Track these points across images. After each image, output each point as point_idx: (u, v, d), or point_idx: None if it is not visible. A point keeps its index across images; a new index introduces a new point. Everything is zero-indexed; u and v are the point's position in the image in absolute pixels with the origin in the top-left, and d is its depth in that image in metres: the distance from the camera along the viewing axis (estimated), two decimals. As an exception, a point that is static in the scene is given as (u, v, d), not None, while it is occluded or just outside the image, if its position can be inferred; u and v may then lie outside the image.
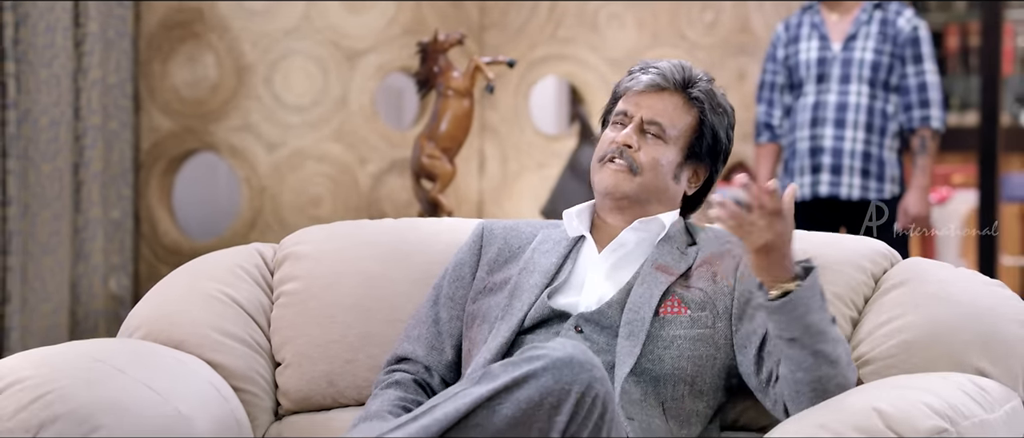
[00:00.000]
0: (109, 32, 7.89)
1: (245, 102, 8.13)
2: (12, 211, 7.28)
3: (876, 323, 3.40)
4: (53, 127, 7.53)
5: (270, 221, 8.15)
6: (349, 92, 8.18)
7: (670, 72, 3.52)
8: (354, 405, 3.67)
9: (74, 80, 7.70)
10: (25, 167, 7.41)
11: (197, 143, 8.23)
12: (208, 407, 3.46)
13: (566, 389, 2.94)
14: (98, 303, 7.87)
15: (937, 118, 6.88)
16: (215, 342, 3.66)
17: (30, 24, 7.39)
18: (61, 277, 7.62)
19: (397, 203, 8.25)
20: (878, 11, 6.92)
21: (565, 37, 8.51)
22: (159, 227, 8.23)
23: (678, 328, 3.34)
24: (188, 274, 3.81)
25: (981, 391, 3.10)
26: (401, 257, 3.73)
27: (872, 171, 6.84)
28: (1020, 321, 3.35)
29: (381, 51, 8.20)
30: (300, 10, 8.11)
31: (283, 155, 8.14)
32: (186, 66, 8.19)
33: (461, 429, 2.95)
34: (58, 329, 7.62)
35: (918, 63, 6.89)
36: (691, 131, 3.51)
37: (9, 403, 3.20)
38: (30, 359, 3.34)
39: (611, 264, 3.46)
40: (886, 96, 6.88)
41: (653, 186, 3.49)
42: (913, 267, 3.49)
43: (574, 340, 3.32)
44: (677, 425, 3.31)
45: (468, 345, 3.49)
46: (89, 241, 7.80)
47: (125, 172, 8.06)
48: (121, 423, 3.24)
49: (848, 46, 6.89)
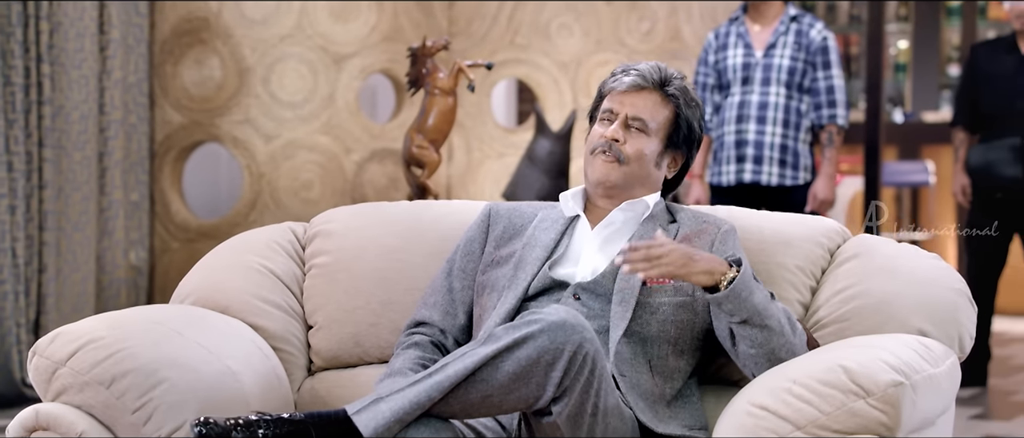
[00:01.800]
0: (128, 38, 7.86)
1: (246, 99, 8.09)
2: (47, 193, 7.29)
3: (833, 291, 3.40)
4: (82, 121, 7.51)
5: (268, 202, 8.11)
6: (336, 91, 8.15)
7: (649, 73, 3.50)
8: (377, 363, 3.65)
9: (99, 80, 7.69)
10: (58, 155, 7.39)
11: (204, 135, 8.19)
12: (253, 364, 3.45)
13: (560, 348, 2.95)
14: (120, 273, 7.85)
15: (842, 116, 6.91)
16: (256, 308, 3.64)
17: (62, 31, 7.37)
18: (88, 250, 7.60)
19: (377, 187, 8.23)
20: (794, 23, 6.93)
21: (522, 43, 8.50)
22: (171, 207, 8.19)
23: (663, 296, 3.33)
24: (231, 249, 3.78)
25: (926, 349, 3.10)
26: (417, 234, 3.71)
27: (788, 161, 6.86)
28: (956, 289, 3.36)
29: (364, 55, 8.17)
30: (294, 19, 8.07)
31: (278, 145, 8.10)
32: (194, 68, 8.15)
33: (470, 383, 2.96)
34: (86, 295, 7.59)
35: (827, 69, 6.91)
36: (669, 123, 3.50)
37: (87, 358, 3.20)
38: (102, 322, 3.33)
39: (603, 239, 3.45)
40: (800, 96, 6.89)
41: (638, 173, 3.48)
42: (863, 243, 3.49)
43: (571, 307, 3.30)
44: (662, 380, 3.31)
45: (479, 311, 3.47)
46: (112, 220, 7.78)
47: (142, 160, 8.03)
48: (181, 377, 3.24)
49: (768, 53, 6.90)
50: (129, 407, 3.18)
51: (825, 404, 2.91)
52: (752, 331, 3.17)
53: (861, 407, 2.89)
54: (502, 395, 2.98)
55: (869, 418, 2.89)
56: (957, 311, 3.33)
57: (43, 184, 7.26)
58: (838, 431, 2.90)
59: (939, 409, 3.10)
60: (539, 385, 2.96)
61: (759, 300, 3.15)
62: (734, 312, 3.16)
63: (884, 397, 2.89)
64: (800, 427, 2.92)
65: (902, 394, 2.89)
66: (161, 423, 3.18)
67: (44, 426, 3.19)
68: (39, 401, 6.86)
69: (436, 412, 2.98)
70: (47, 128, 7.27)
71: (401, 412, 2.94)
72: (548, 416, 3.01)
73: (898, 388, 2.89)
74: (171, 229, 8.19)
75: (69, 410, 3.20)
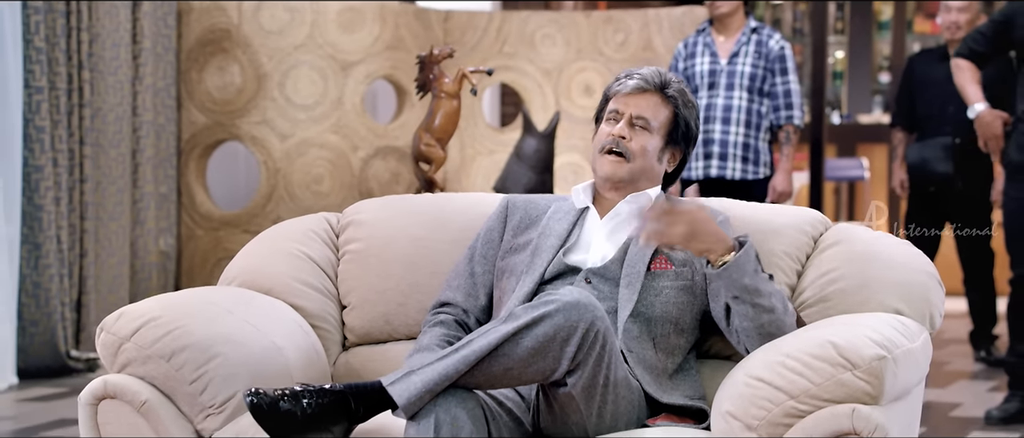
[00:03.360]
0: (158, 47, 7.83)
1: (263, 102, 8.04)
2: (88, 186, 7.29)
3: (817, 274, 3.37)
4: (117, 121, 7.50)
5: (283, 195, 8.06)
6: (344, 94, 8.11)
7: (651, 77, 3.47)
8: (405, 339, 3.62)
9: (132, 85, 7.68)
10: (97, 152, 7.38)
11: (225, 134, 8.16)
12: (295, 340, 3.42)
13: (574, 326, 2.92)
14: (151, 257, 7.84)
15: (797, 117, 6.88)
16: (296, 289, 3.60)
17: (100, 41, 7.36)
18: (123, 237, 7.59)
19: (381, 181, 8.19)
20: (754, 34, 6.90)
21: (509, 52, 8.48)
22: (196, 199, 8.16)
23: (666, 280, 3.30)
24: (272, 237, 3.74)
25: (904, 326, 3.07)
26: (441, 224, 3.67)
27: (750, 157, 6.83)
28: (927, 273, 3.33)
29: (368, 62, 8.13)
30: (306, 30, 8.03)
31: (293, 143, 8.06)
32: (217, 74, 8.11)
33: (493, 357, 2.93)
34: (121, 277, 7.57)
35: (784, 75, 6.88)
36: (669, 122, 3.46)
37: (149, 335, 3.18)
38: (160, 302, 3.30)
39: (610, 229, 3.42)
40: (760, 100, 6.87)
41: (642, 168, 3.44)
42: (843, 230, 3.46)
43: (583, 289, 3.27)
44: (665, 355, 3.28)
45: (499, 293, 3.44)
46: (144, 210, 7.77)
47: (170, 157, 8.00)
48: (233, 351, 3.22)
49: (732, 61, 6.87)
50: (187, 378, 3.16)
51: (816, 376, 2.88)
52: (744, 307, 3.14)
53: (848, 378, 2.87)
54: (522, 368, 2.94)
55: (856, 388, 2.86)
56: (928, 292, 3.30)
57: (83, 178, 7.26)
58: (828, 400, 2.88)
59: (915, 380, 3.08)
60: (555, 359, 2.93)
61: (750, 282, 3.12)
62: (726, 289, 3.14)
63: (869, 369, 2.86)
64: (793, 396, 2.89)
65: (885, 367, 2.87)
66: (215, 393, 3.16)
67: (112, 394, 3.17)
68: (80, 371, 6.90)
69: (462, 383, 2.94)
70: (87, 128, 7.26)
71: (431, 383, 2.91)
72: (563, 387, 2.98)
73: (881, 361, 2.87)
74: (196, 218, 8.15)
75: (133, 380, 3.17)
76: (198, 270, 8.13)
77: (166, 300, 3.31)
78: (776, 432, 2.91)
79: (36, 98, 6.90)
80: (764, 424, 2.91)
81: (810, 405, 2.88)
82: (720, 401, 3.05)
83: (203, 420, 3.17)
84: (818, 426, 2.86)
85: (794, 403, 2.89)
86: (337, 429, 2.93)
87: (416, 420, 2.90)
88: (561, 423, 3.05)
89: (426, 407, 2.90)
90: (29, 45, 6.87)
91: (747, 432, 2.93)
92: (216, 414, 3.16)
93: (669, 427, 3.12)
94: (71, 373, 7.03)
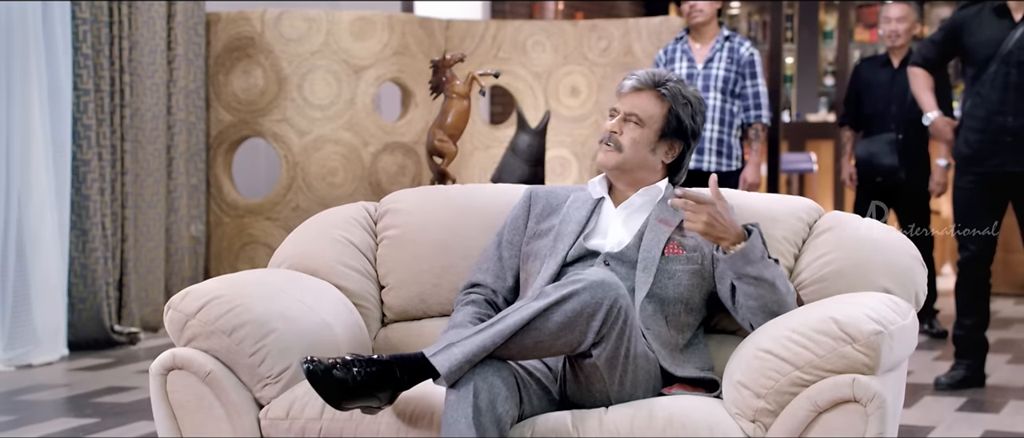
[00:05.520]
0: (189, 54, 7.75)
1: (283, 102, 7.96)
2: (128, 178, 7.26)
3: (813, 257, 3.33)
4: (154, 120, 7.45)
5: (301, 186, 7.99)
6: (355, 95, 8.03)
7: (645, 77, 3.42)
8: (438, 316, 3.57)
9: (167, 87, 7.62)
10: (136, 148, 7.34)
11: (249, 131, 8.07)
12: (341, 317, 3.38)
13: (599, 302, 2.89)
14: (183, 242, 7.77)
15: (765, 117, 6.87)
16: (340, 271, 3.55)
17: (139, 48, 7.33)
18: (159, 224, 7.54)
19: (389, 173, 8.12)
20: (727, 42, 6.87)
21: (504, 57, 8.42)
22: (223, 189, 8.08)
23: (678, 264, 3.26)
24: (316, 223, 3.68)
25: (895, 304, 3.03)
26: (470, 212, 3.62)
27: (723, 152, 6.80)
28: (912, 255, 3.30)
29: (378, 67, 8.05)
30: (322, 38, 7.94)
31: (310, 140, 7.98)
32: (242, 77, 8.03)
33: (526, 331, 2.89)
34: (157, 260, 7.51)
35: (754, 79, 6.86)
36: (662, 118, 3.39)
37: (212, 312, 3.14)
38: (220, 283, 3.26)
39: (625, 217, 3.38)
40: (732, 100, 6.84)
41: (633, 158, 3.37)
42: (836, 218, 3.41)
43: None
44: (677, 332, 3.24)
45: (525, 275, 3.40)
46: (177, 199, 7.71)
47: (200, 151, 7.92)
48: (287, 327, 3.19)
49: (707, 66, 6.84)
50: (247, 351, 3.12)
51: (819, 349, 2.85)
52: (749, 288, 3.11)
53: (849, 351, 2.83)
54: (551, 341, 2.91)
55: (855, 360, 2.83)
56: (913, 273, 3.27)
57: (124, 171, 7.22)
58: (830, 370, 2.84)
59: (905, 354, 3.04)
60: (582, 332, 2.89)
61: (757, 267, 3.09)
62: (737, 272, 3.11)
63: (867, 343, 2.83)
64: (798, 367, 2.86)
65: (882, 341, 2.84)
66: (272, 365, 3.13)
67: (179, 366, 3.13)
68: (123, 344, 6.84)
69: (497, 354, 2.90)
70: (127, 126, 7.22)
71: (470, 354, 2.87)
72: (589, 358, 2.95)
73: (879, 336, 2.83)
74: (223, 207, 8.07)
75: (198, 353, 3.14)
76: (225, 253, 8.05)
77: (227, 281, 3.26)
78: (783, 400, 2.88)
79: (83, 99, 6.85)
80: (772, 392, 2.88)
81: (814, 375, 2.85)
82: (731, 372, 3.02)
83: (261, 389, 3.13)
84: (822, 394, 2.83)
85: (800, 373, 2.86)
86: (383, 395, 2.90)
87: (456, 387, 2.87)
88: (586, 391, 3.02)
89: (465, 376, 2.87)
90: (78, 52, 6.83)
91: (756, 400, 2.90)
92: (273, 383, 3.13)
93: (683, 395, 3.08)
94: (115, 345, 6.98)
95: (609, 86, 8.27)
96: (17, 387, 5.91)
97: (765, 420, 2.89)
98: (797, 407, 2.85)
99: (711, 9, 6.91)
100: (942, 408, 5.56)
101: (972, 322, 6.03)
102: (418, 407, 2.98)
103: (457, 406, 2.84)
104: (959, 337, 6.07)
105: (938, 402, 5.68)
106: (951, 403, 5.66)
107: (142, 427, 5.07)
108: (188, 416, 3.13)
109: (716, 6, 6.93)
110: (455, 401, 2.85)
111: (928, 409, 5.52)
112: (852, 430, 2.80)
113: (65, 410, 5.45)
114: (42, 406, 5.53)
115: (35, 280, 6.56)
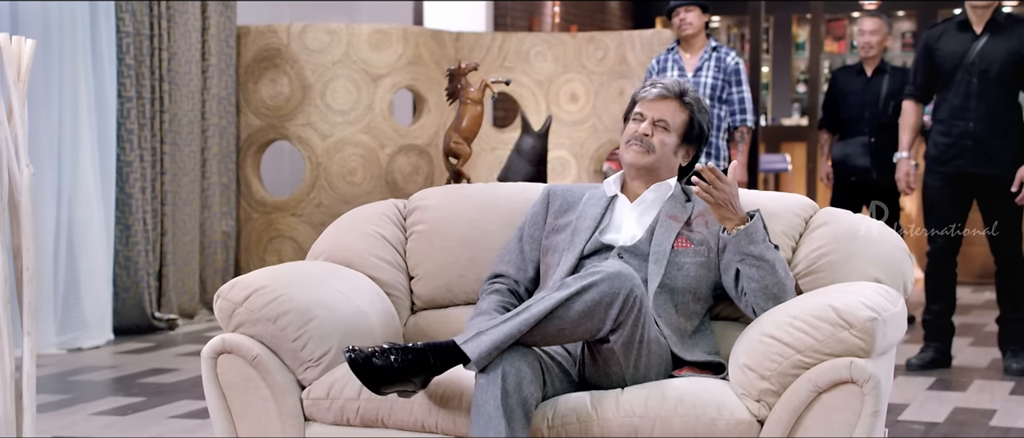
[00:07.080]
0: (221, 63, 7.73)
1: (307, 108, 7.93)
2: (167, 177, 7.24)
3: (809, 250, 3.30)
4: (189, 124, 7.43)
5: (323, 185, 7.96)
6: (373, 101, 8.00)
7: (671, 86, 3.39)
8: (464, 304, 3.53)
9: (201, 94, 7.59)
10: (174, 150, 7.31)
11: (276, 135, 8.04)
12: (375, 305, 3.35)
13: (616, 292, 2.86)
14: (216, 236, 7.74)
15: (750, 120, 6.85)
16: (373, 263, 3.52)
17: (177, 59, 7.31)
18: (194, 220, 7.50)
19: (404, 173, 8.09)
20: (714, 52, 6.86)
21: (508, 66, 8.40)
22: (252, 188, 8.04)
23: (687, 257, 3.23)
24: (350, 219, 3.64)
25: (887, 293, 3.01)
26: (493, 208, 3.58)
27: (712, 153, 6.79)
28: (901, 248, 3.27)
29: (394, 75, 8.02)
30: (343, 49, 7.92)
31: (332, 142, 7.95)
32: (269, 85, 8.00)
33: (549, 319, 2.87)
34: (193, 253, 7.48)
35: (739, 85, 6.85)
36: (685, 124, 3.38)
37: (258, 300, 3.12)
38: (265, 274, 3.23)
39: (638, 213, 3.35)
40: (720, 105, 6.82)
41: (660, 160, 3.36)
42: (830, 213, 3.39)
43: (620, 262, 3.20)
44: (685, 319, 3.21)
45: (544, 267, 3.36)
46: (210, 197, 7.68)
47: (231, 153, 7.89)
48: (327, 315, 3.16)
49: (697, 74, 6.82)
50: (290, 337, 3.09)
51: (818, 334, 2.83)
52: (751, 269, 3.08)
53: (846, 336, 2.81)
54: (573, 328, 2.88)
55: (852, 344, 2.81)
56: (902, 264, 3.24)
57: (163, 171, 7.20)
58: (829, 354, 2.82)
59: (896, 338, 3.01)
60: (601, 320, 2.87)
61: (758, 247, 3.07)
62: (737, 252, 3.09)
63: (863, 328, 2.81)
64: (799, 351, 2.84)
65: (876, 326, 2.81)
66: (314, 350, 3.10)
67: (228, 350, 3.11)
68: (163, 329, 6.82)
69: (522, 341, 2.87)
70: (166, 130, 7.20)
71: (499, 341, 2.85)
72: (607, 344, 2.92)
73: (874, 322, 2.81)
74: (252, 204, 8.04)
75: (246, 339, 3.11)
76: (254, 246, 8.02)
77: (271, 272, 3.23)
78: (785, 381, 2.85)
79: (127, 106, 6.85)
80: (775, 374, 2.86)
81: (814, 358, 2.83)
82: (737, 355, 2.99)
83: (303, 371, 3.11)
84: (821, 376, 2.81)
85: (801, 356, 2.84)
86: (417, 380, 2.88)
87: (486, 372, 2.84)
88: (603, 374, 3.00)
89: (494, 362, 2.84)
90: (122, 62, 6.82)
91: (761, 381, 2.87)
92: (314, 366, 3.10)
93: (692, 377, 3.05)
94: (155, 331, 6.96)
95: (605, 93, 8.25)
96: (69, 369, 5.90)
97: (769, 400, 2.86)
98: (798, 388, 2.82)
99: (700, 22, 6.89)
100: (914, 387, 5.54)
101: (940, 308, 6.02)
102: (449, 390, 2.95)
103: (486, 389, 2.82)
104: (928, 322, 6.06)
105: (910, 382, 5.66)
106: (922, 382, 5.65)
107: (184, 405, 5.05)
108: (237, 396, 3.10)
109: (704, 19, 6.91)
110: (485, 384, 2.83)
111: (902, 388, 5.50)
112: (849, 409, 2.78)
113: (114, 389, 5.43)
114: (92, 386, 5.51)
115: (84, 271, 6.55)
